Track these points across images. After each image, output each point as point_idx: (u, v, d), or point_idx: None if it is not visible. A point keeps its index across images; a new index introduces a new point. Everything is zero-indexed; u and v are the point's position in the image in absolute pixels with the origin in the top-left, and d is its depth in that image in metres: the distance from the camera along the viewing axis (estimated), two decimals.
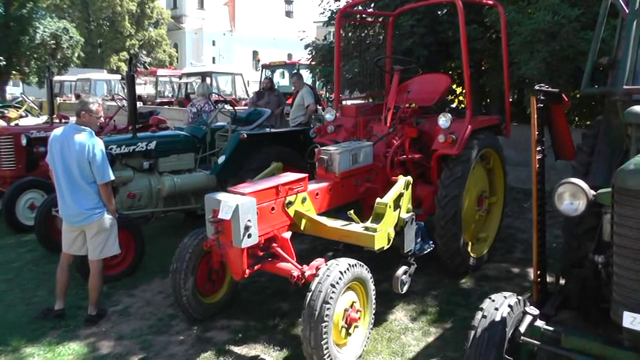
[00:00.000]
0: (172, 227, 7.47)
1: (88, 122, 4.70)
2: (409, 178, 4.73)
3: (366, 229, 4.32)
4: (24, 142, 8.06)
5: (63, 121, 9.52)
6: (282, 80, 18.23)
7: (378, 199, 4.43)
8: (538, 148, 3.57)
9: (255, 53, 49.78)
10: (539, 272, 3.55)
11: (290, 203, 4.42)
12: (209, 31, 49.19)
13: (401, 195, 4.58)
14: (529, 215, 7.79)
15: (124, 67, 41.91)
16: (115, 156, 6.13)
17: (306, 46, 10.89)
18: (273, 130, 7.40)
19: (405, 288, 4.61)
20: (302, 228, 4.57)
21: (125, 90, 11.00)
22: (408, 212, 4.66)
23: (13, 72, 22.59)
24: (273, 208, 4.27)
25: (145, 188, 6.41)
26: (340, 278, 3.79)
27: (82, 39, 23.87)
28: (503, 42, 6.17)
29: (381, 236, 4.27)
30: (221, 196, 4.04)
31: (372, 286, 4.19)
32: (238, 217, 3.83)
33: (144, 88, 21.42)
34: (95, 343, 4.49)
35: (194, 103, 8.57)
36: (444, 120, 5.27)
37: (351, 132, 6.05)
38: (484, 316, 3.00)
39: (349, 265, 3.93)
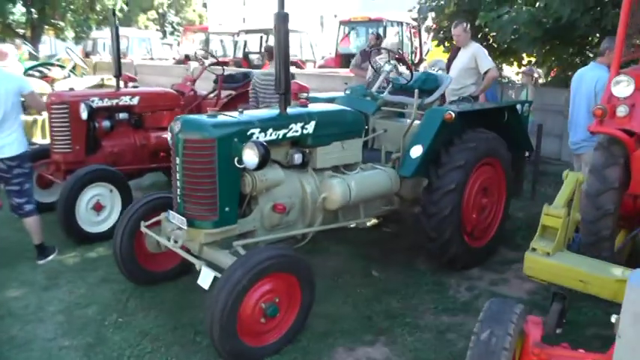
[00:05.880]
0: (318, 245, 4.83)
1: (608, 60, 4.71)
2: None
3: None
4: (84, 114, 5.56)
5: (130, 84, 7.05)
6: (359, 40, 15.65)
7: None
8: None
9: None
10: None
11: None
12: None
13: None
14: None
15: (152, 27, 39.25)
16: None
17: None
18: (483, 106, 4.93)
19: None
20: None
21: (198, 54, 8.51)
22: None
23: (46, 26, 19.88)
24: None
25: (297, 196, 3.96)
26: None
27: None
28: None
29: None
30: None
31: None
32: None
33: (190, 47, 19.00)
34: None
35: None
36: None
37: None
38: None
39: None
